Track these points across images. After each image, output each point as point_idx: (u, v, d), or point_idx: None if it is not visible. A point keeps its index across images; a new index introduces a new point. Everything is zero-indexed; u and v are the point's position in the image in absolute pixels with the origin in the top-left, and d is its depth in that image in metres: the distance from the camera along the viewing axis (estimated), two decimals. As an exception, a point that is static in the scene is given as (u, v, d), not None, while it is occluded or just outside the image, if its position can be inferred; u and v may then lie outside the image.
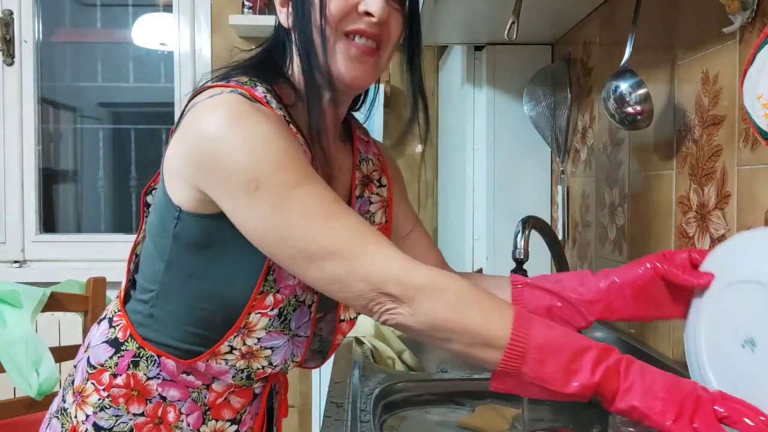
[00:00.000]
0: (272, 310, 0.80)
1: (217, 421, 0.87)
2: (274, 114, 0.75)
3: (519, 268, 1.12)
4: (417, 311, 0.67)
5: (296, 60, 0.83)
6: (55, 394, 1.64)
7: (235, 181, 0.70)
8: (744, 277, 0.73)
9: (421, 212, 2.53)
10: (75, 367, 0.89)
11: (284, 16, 0.83)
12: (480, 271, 1.78)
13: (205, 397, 0.86)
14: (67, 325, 2.26)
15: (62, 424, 0.87)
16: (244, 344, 0.83)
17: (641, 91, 1.07)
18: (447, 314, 0.67)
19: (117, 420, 0.83)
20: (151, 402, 0.83)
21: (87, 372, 0.85)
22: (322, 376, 1.82)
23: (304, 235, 0.69)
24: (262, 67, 0.84)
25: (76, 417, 0.85)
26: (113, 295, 1.91)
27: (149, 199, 0.92)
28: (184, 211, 0.78)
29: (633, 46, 1.08)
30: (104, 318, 0.90)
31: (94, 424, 0.83)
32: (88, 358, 0.86)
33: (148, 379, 0.83)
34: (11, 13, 2.44)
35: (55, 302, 1.72)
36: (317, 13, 0.76)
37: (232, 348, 0.83)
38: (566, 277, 0.88)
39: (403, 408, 1.17)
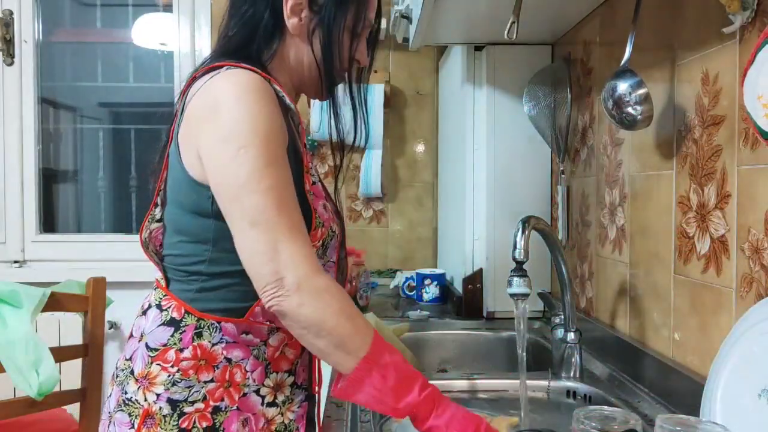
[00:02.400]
0: (319, 241, 0.92)
1: (277, 373, 0.95)
2: (271, 93, 0.88)
3: (519, 268, 1.11)
4: (304, 308, 0.80)
5: (284, 57, 0.97)
6: (55, 394, 1.64)
7: (226, 140, 0.82)
8: (765, 328, 0.74)
9: (421, 212, 2.53)
10: (129, 359, 0.94)
11: (294, 24, 0.95)
12: (480, 271, 1.78)
13: (265, 353, 0.94)
14: (67, 325, 2.26)
15: (129, 413, 0.91)
16: None
17: (641, 91, 1.07)
18: (327, 317, 0.80)
19: (190, 390, 0.89)
20: (218, 367, 0.90)
21: (148, 356, 0.91)
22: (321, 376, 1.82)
23: (259, 205, 0.81)
24: (237, 52, 0.95)
25: (146, 400, 0.90)
26: (113, 295, 1.92)
27: (158, 198, 1.00)
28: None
29: (633, 46, 1.07)
30: (150, 307, 0.95)
31: (168, 400, 0.89)
32: (146, 344, 0.92)
33: (213, 345, 0.90)
34: (11, 13, 2.44)
35: (55, 302, 1.72)
36: (344, 67, 0.98)
37: None
38: None
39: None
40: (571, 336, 1.27)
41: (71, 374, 1.86)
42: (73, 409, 1.82)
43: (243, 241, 0.82)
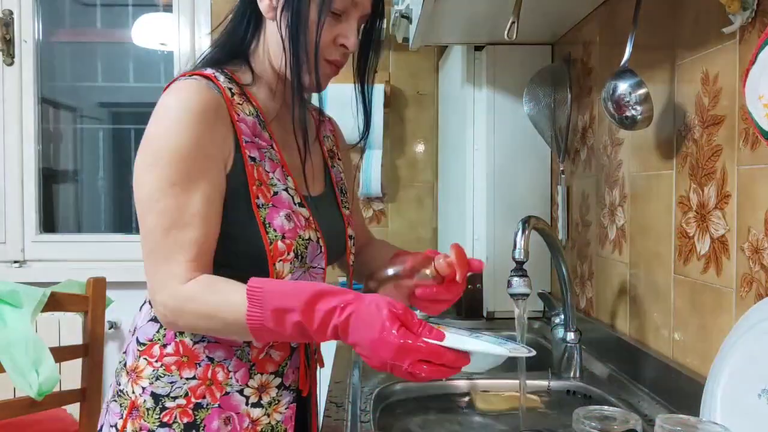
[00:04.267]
0: (288, 254, 0.90)
1: (262, 374, 0.94)
2: (211, 108, 0.87)
3: (519, 268, 1.11)
4: (179, 320, 0.85)
5: (263, 46, 0.96)
6: (55, 394, 1.64)
7: (142, 153, 0.86)
8: (765, 328, 0.74)
9: (421, 212, 2.53)
10: (125, 352, 0.97)
11: (266, 6, 0.93)
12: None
13: (249, 354, 0.93)
14: (67, 325, 2.26)
15: (120, 404, 0.93)
16: None
17: (641, 91, 1.07)
18: (198, 322, 0.84)
19: (173, 386, 0.91)
20: (200, 365, 0.91)
21: (137, 350, 0.94)
22: (322, 376, 1.82)
23: (149, 227, 0.85)
24: (222, 49, 0.97)
25: (133, 393, 0.92)
26: (113, 295, 1.92)
27: None
28: None
29: (633, 46, 1.07)
30: (145, 302, 0.98)
31: (152, 393, 0.91)
32: (137, 339, 0.94)
33: (195, 343, 0.91)
34: (11, 13, 2.44)
35: (55, 302, 1.72)
36: (312, 45, 0.91)
37: None
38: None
39: (403, 408, 1.17)
40: (571, 336, 1.27)
41: (71, 374, 1.86)
42: (73, 409, 1.82)
43: (142, 253, 0.87)
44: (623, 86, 1.07)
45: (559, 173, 1.67)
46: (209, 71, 0.92)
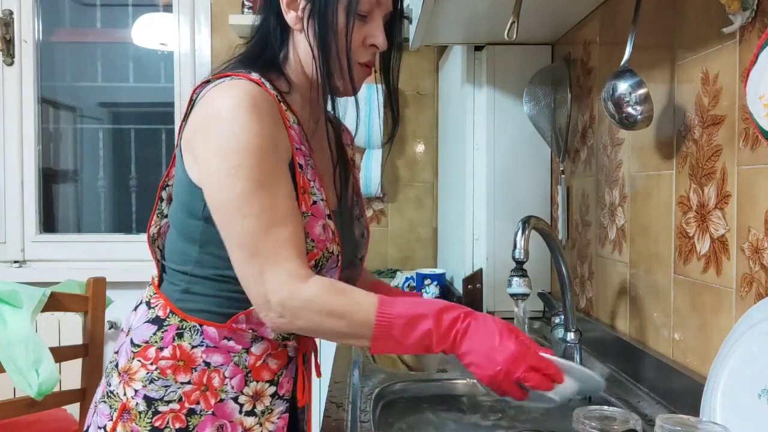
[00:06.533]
0: (312, 261, 0.89)
1: (257, 382, 0.93)
2: (271, 108, 0.87)
3: (519, 268, 1.11)
4: (297, 322, 0.83)
5: (295, 57, 0.96)
6: (55, 394, 1.64)
7: (219, 156, 0.83)
8: (765, 328, 0.74)
9: (421, 212, 2.53)
10: (116, 352, 0.95)
11: (293, 18, 0.93)
12: (480, 271, 1.78)
13: (246, 361, 0.92)
14: (67, 325, 2.26)
15: (110, 405, 0.92)
16: None
17: (641, 91, 1.07)
18: (321, 322, 0.83)
19: (167, 390, 0.89)
20: (196, 370, 0.90)
21: (131, 352, 0.92)
22: (322, 376, 1.82)
23: (247, 229, 0.83)
24: (257, 60, 0.96)
25: (125, 395, 0.91)
26: (113, 295, 1.92)
27: (164, 194, 1.00)
28: None
29: (633, 46, 1.07)
30: (141, 303, 0.97)
31: (145, 397, 0.90)
32: (131, 340, 0.93)
33: (193, 347, 0.90)
34: (11, 13, 2.44)
35: (55, 302, 1.72)
36: (343, 50, 0.91)
37: None
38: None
39: (403, 408, 1.17)
40: (571, 336, 1.27)
41: (71, 374, 1.86)
42: (73, 409, 1.82)
43: (234, 259, 0.85)
44: (623, 86, 1.07)
45: (559, 173, 1.67)
46: (255, 76, 0.89)
